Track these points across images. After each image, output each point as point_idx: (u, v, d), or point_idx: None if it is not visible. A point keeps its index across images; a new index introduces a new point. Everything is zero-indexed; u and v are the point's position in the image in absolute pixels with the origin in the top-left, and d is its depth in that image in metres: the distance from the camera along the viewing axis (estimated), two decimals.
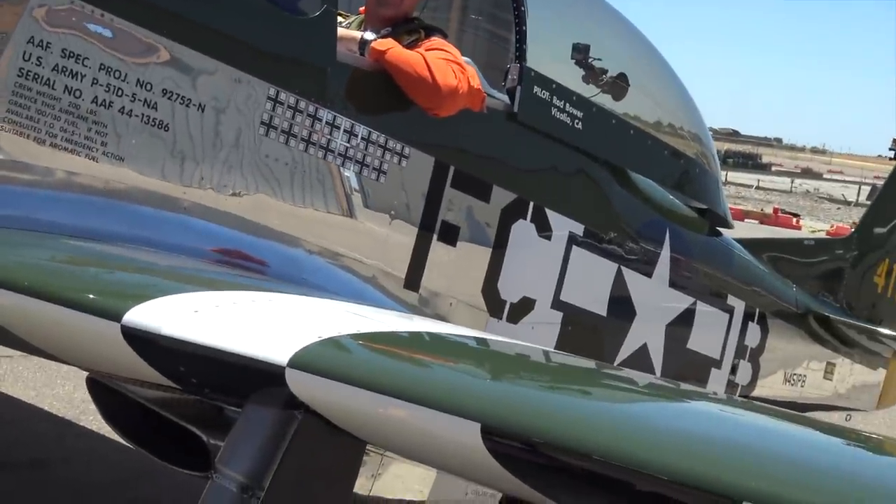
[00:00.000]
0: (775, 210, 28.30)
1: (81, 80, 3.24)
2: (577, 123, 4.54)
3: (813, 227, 27.07)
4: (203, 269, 3.30)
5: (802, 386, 6.52)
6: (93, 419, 6.10)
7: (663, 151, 5.12)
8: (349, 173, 3.84)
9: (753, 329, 5.83)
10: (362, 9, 4.32)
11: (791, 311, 6.21)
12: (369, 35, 3.96)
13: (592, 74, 4.78)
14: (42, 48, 3.17)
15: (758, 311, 5.86)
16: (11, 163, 3.18)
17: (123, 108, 3.32)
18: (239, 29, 3.53)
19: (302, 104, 3.66)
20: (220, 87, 3.49)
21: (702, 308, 5.42)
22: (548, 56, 4.65)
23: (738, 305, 5.68)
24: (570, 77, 4.70)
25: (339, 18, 4.03)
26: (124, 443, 3.03)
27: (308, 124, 3.69)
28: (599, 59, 4.83)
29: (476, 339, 3.01)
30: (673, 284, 5.21)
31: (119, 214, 3.33)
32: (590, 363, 3.02)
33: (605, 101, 4.83)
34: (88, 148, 3.28)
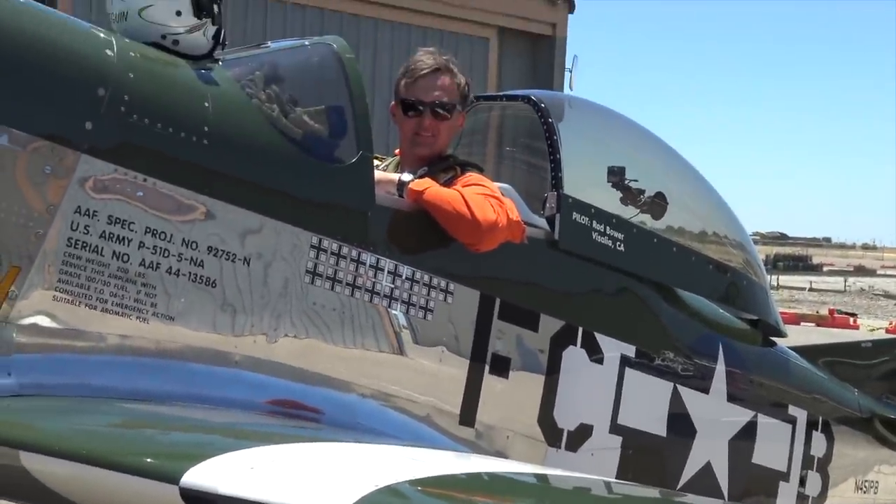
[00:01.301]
0: (831, 311, 27.94)
1: (129, 245, 3.31)
2: (619, 245, 4.56)
3: (871, 326, 26.67)
4: (257, 423, 3.32)
5: (875, 492, 6.35)
6: None
7: (708, 266, 5.11)
8: (396, 313, 3.86)
9: (818, 438, 5.72)
10: (397, 150, 4.40)
11: (855, 416, 6.09)
12: (406, 176, 4.03)
13: (630, 196, 4.82)
14: (89, 217, 3.26)
15: (821, 418, 5.75)
16: (64, 331, 3.25)
17: (171, 268, 3.38)
18: (278, 182, 3.61)
19: (345, 250, 3.72)
20: (264, 239, 3.55)
21: (763, 420, 5.34)
22: (584, 181, 4.70)
23: (800, 415, 5.58)
24: (609, 200, 4.74)
25: (376, 162, 4.10)
26: None
27: (352, 269, 3.74)
28: (636, 180, 4.87)
29: (535, 475, 2.98)
30: (731, 398, 5.15)
31: (172, 373, 3.37)
32: (653, 492, 2.98)
33: (644, 220, 4.86)
34: (139, 310, 3.34)
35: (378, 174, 3.96)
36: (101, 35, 3.50)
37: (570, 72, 17.69)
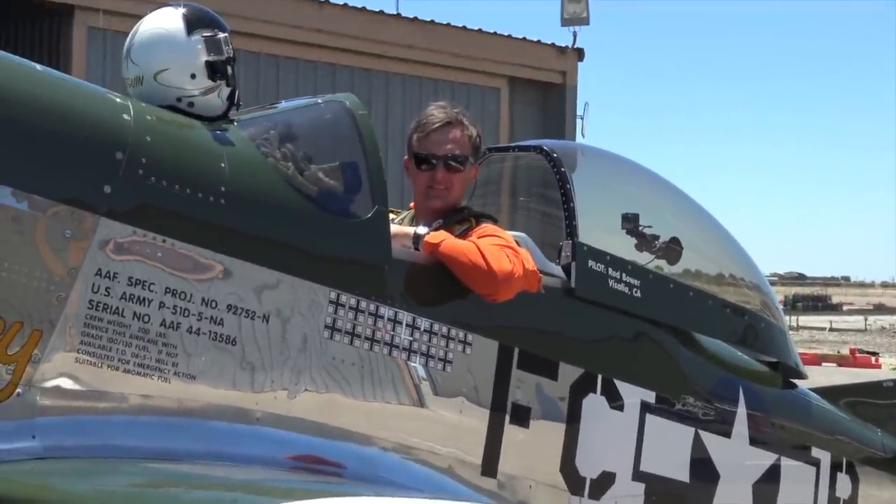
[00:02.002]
0: (852, 351, 27.75)
1: (149, 305, 3.34)
2: (636, 292, 4.57)
3: (893, 364, 26.48)
4: (279, 479, 3.33)
5: None
6: None
7: (725, 309, 5.11)
8: (415, 365, 3.88)
9: (843, 480, 5.68)
10: (412, 203, 4.43)
11: (879, 456, 6.05)
12: (422, 229, 4.06)
13: (645, 242, 4.85)
14: (109, 279, 3.29)
15: (845, 460, 5.72)
16: (87, 392, 3.27)
17: (191, 327, 3.41)
18: (295, 239, 3.65)
19: (363, 304, 3.74)
20: (282, 296, 3.58)
21: (786, 463, 5.31)
22: (599, 229, 4.73)
23: (824, 457, 5.55)
24: (624, 247, 4.76)
25: (391, 215, 4.14)
26: None
27: (371, 323, 3.76)
28: (650, 226, 4.89)
29: None
30: (754, 442, 5.13)
31: (193, 432, 3.39)
32: None
33: (660, 265, 4.87)
34: (160, 370, 3.36)
35: (394, 228, 3.99)
36: (118, 100, 3.55)
37: (582, 119, 17.77)
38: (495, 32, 17.34)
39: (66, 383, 3.24)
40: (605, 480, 4.44)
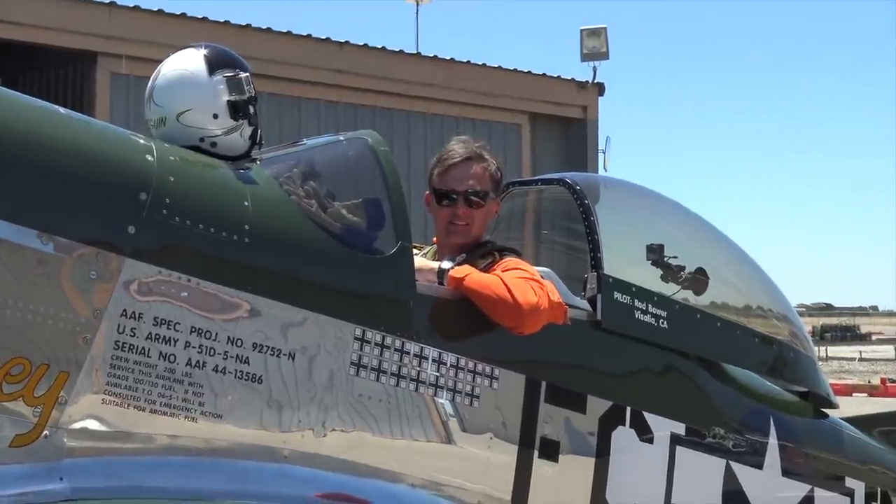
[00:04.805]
0: (883, 380, 27.45)
1: (175, 345, 3.34)
2: (663, 323, 4.54)
3: None
4: None
5: None
6: None
7: (754, 339, 5.07)
8: (443, 401, 3.85)
9: None
10: (435, 238, 4.43)
11: None
12: (446, 264, 4.05)
13: (671, 273, 4.82)
14: (135, 319, 3.29)
15: (879, 490, 5.64)
16: (114, 433, 3.26)
17: (217, 366, 3.40)
18: (319, 277, 3.64)
19: (389, 340, 3.73)
20: (308, 333, 3.57)
21: (820, 494, 5.24)
22: (624, 260, 4.70)
23: (858, 487, 5.48)
24: (649, 278, 4.74)
25: (415, 250, 4.13)
26: None
27: (397, 359, 3.74)
28: (675, 257, 4.87)
29: None
30: (786, 473, 5.07)
31: (221, 471, 3.37)
32: None
33: (686, 296, 4.84)
34: (186, 409, 3.36)
35: (418, 262, 3.98)
36: (141, 141, 3.57)
37: (604, 153, 17.78)
38: (515, 69, 17.43)
39: (92, 425, 3.24)
40: None
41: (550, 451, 4.13)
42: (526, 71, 17.51)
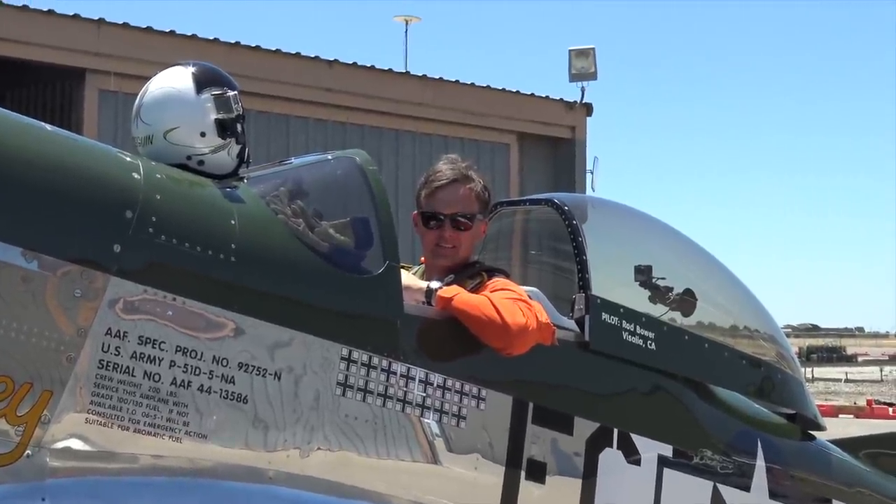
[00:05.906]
0: (869, 402, 27.49)
1: (159, 364, 3.32)
2: (651, 344, 4.53)
3: None
4: None
5: None
6: None
7: (741, 361, 5.06)
8: (429, 422, 3.83)
9: None
10: (423, 258, 4.42)
11: None
12: (434, 284, 4.03)
13: (658, 294, 4.81)
14: (120, 338, 3.27)
15: None
16: (97, 453, 3.24)
17: (202, 386, 3.38)
18: (306, 296, 3.62)
19: (375, 360, 3.71)
20: (294, 353, 3.55)
21: None
22: (612, 281, 4.70)
23: None
24: (637, 299, 4.73)
25: (403, 270, 4.11)
26: None
27: (383, 379, 3.72)
28: (663, 278, 4.86)
29: None
30: (773, 495, 5.05)
31: (206, 492, 3.35)
32: None
33: (674, 317, 4.83)
34: (171, 429, 3.33)
35: (406, 281, 3.96)
36: (128, 158, 3.55)
37: (592, 173, 17.81)
38: (504, 89, 17.47)
39: (76, 444, 3.21)
40: None
41: (537, 472, 4.11)
42: (514, 91, 17.55)
